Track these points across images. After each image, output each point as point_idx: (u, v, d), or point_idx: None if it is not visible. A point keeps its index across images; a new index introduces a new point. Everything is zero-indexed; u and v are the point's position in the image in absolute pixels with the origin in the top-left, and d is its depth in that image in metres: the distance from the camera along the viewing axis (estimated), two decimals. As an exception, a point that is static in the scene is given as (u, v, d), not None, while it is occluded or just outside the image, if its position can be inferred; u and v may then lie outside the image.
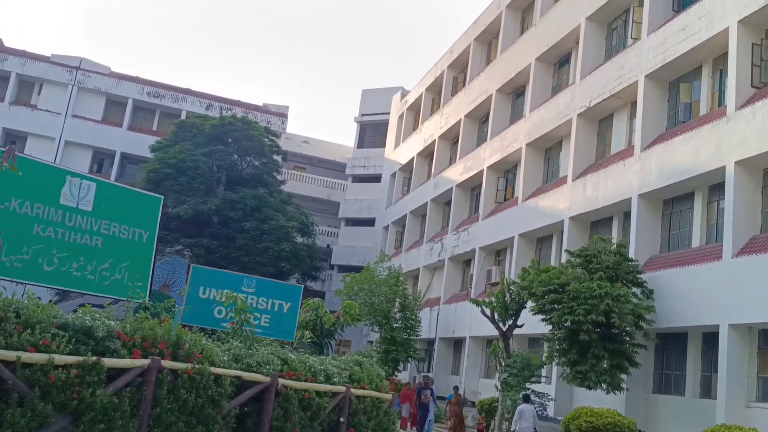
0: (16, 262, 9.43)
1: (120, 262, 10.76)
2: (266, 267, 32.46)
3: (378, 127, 48.33)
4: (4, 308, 6.53)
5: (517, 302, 21.14)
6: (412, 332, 29.93)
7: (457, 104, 35.39)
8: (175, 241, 32.62)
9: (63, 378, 6.50)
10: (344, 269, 42.08)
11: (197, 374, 7.95)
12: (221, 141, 36.21)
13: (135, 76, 44.47)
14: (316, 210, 44.96)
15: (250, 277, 13.38)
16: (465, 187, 33.43)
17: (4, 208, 9.22)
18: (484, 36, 34.18)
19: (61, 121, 41.42)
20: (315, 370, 10.10)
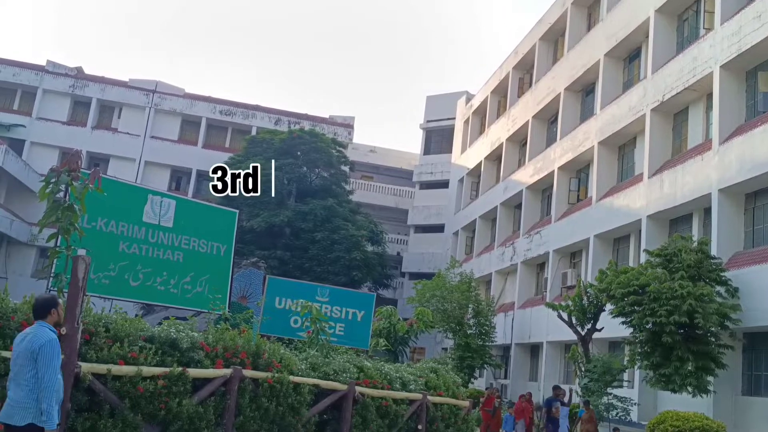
0: (104, 278, 9.86)
1: (200, 276, 11.11)
2: (338, 276, 32.85)
3: (444, 133, 48.21)
4: (95, 323, 6.85)
5: (595, 305, 20.66)
6: (486, 338, 29.61)
7: (524, 105, 34.94)
8: (250, 253, 33.40)
9: (151, 389, 6.75)
10: (415, 276, 42.09)
11: (277, 383, 8.13)
12: (290, 154, 36.95)
13: (207, 96, 45.95)
14: (384, 218, 45.21)
15: (324, 286, 13.57)
16: (535, 189, 32.91)
17: (91, 228, 9.66)
18: (550, 35, 33.66)
19: (140, 143, 43.20)
20: (391, 377, 10.15)
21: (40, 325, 5.08)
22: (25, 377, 4.82)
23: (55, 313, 5.22)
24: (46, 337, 4.93)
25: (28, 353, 4.87)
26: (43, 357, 4.83)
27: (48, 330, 5.04)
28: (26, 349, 4.89)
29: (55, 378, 4.90)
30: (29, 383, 4.81)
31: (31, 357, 4.85)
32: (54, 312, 5.22)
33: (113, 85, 44.06)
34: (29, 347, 4.88)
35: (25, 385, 4.81)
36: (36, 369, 4.81)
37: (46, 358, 4.84)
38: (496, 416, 18.44)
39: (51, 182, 7.44)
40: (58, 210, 7.40)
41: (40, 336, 4.93)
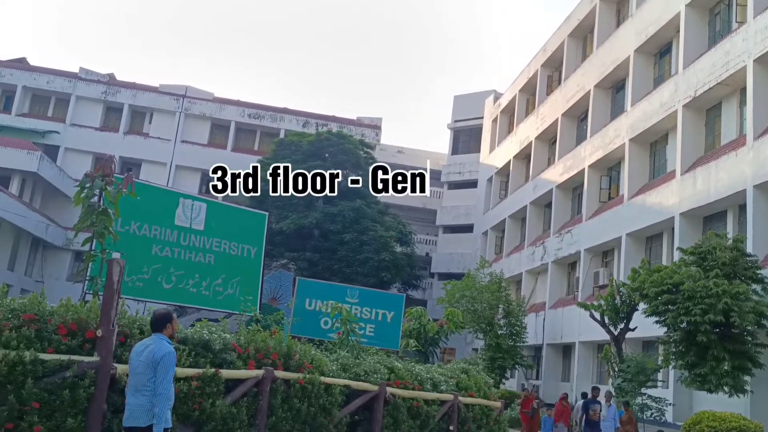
0: (138, 281, 10.02)
1: (231, 278, 11.23)
2: (367, 277, 32.90)
3: (471, 133, 48.01)
4: (129, 325, 6.96)
5: (628, 304, 20.40)
6: (517, 339, 29.40)
7: (553, 103, 34.64)
8: (280, 255, 33.64)
9: (185, 390, 6.84)
10: (444, 277, 41.97)
11: (308, 384, 8.18)
12: (318, 156, 37.12)
13: (236, 100, 46.43)
14: (413, 219, 45.16)
15: (354, 287, 13.62)
16: (566, 188, 32.60)
17: (124, 232, 9.82)
18: (579, 31, 33.33)
19: (171, 147, 43.81)
20: (422, 378, 10.14)
21: (159, 337, 5.62)
22: (146, 384, 5.38)
23: (170, 327, 5.74)
24: (166, 350, 5.49)
25: (149, 363, 5.40)
26: (163, 367, 5.39)
27: (166, 342, 5.58)
28: (147, 359, 5.43)
29: (169, 386, 5.46)
30: (149, 389, 5.37)
31: (151, 366, 5.38)
32: (169, 326, 5.74)
33: (144, 90, 44.76)
34: (150, 357, 5.42)
35: (146, 392, 5.38)
36: (155, 377, 5.36)
37: (165, 368, 5.40)
38: (535, 418, 18.05)
39: (86, 187, 7.60)
40: (93, 214, 7.55)
41: (161, 348, 5.48)
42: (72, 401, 6.00)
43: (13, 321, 6.07)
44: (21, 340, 5.93)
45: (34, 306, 6.35)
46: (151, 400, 5.35)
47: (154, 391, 5.34)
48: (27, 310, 6.24)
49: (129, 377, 5.58)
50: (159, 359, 5.38)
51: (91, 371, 6.17)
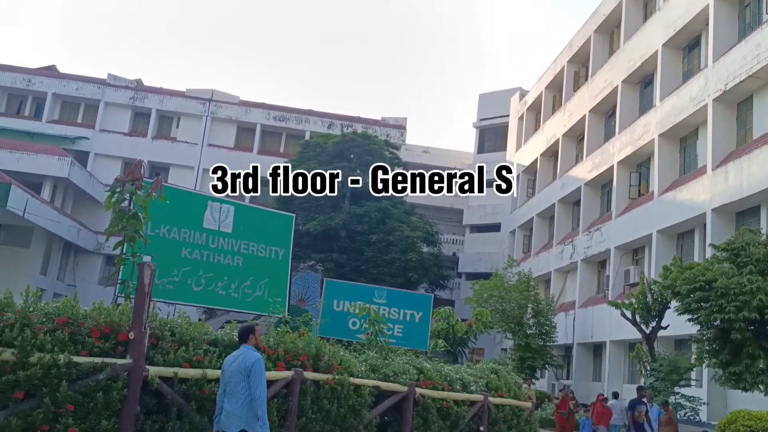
0: (168, 284, 10.13)
1: (260, 280, 11.29)
2: (394, 278, 32.86)
3: (497, 131, 47.71)
4: (161, 328, 7.03)
5: (660, 302, 20.10)
6: (547, 338, 29.14)
7: (580, 99, 34.28)
8: (307, 256, 33.75)
9: (216, 391, 6.88)
10: (472, 276, 41.75)
11: (338, 385, 8.18)
12: (344, 157, 37.18)
13: (261, 103, 46.72)
14: (439, 219, 45.01)
15: (381, 288, 13.60)
16: (594, 185, 32.23)
17: (154, 235, 9.93)
18: (605, 26, 32.95)
19: (198, 151, 44.25)
20: (451, 378, 10.09)
21: (246, 347, 6.12)
22: (240, 391, 5.85)
23: (253, 338, 6.20)
24: (255, 357, 5.97)
25: (241, 371, 5.90)
26: (255, 374, 5.87)
27: (253, 352, 6.08)
28: (239, 368, 5.92)
29: (265, 390, 5.93)
30: (243, 396, 5.84)
31: (244, 374, 5.87)
32: (252, 337, 6.20)
33: (171, 95, 45.26)
34: (242, 366, 5.91)
35: (239, 398, 5.84)
36: (249, 384, 5.84)
37: (257, 374, 5.89)
38: (571, 420, 17.71)
39: (116, 192, 7.70)
40: (124, 218, 7.64)
41: (250, 357, 5.97)
42: (105, 403, 6.08)
43: (48, 324, 6.18)
44: (55, 343, 6.03)
45: (68, 309, 6.45)
46: (242, 406, 5.82)
47: (251, 397, 5.82)
48: (61, 314, 6.35)
49: (221, 386, 6.08)
50: (250, 366, 5.88)
51: (124, 373, 6.25)
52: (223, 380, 6.07)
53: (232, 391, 5.89)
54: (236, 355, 6.09)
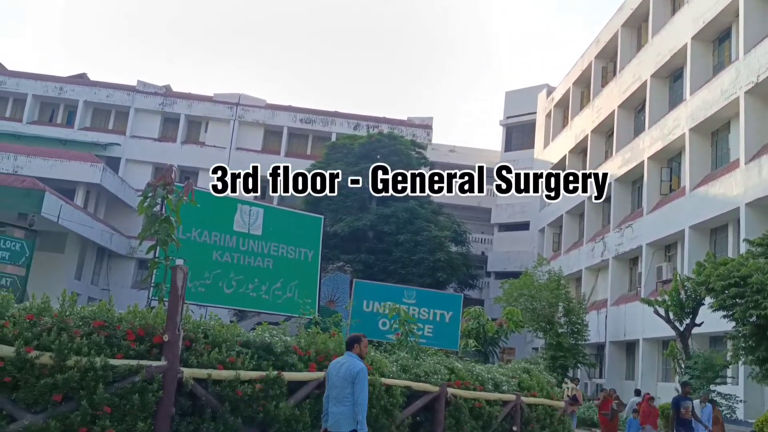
0: (200, 287, 10.26)
1: (290, 281, 11.38)
2: (423, 278, 32.80)
3: (525, 128, 47.37)
4: (194, 330, 7.10)
5: (694, 299, 19.78)
6: (579, 337, 28.85)
7: (608, 95, 33.88)
8: (335, 258, 33.87)
9: (249, 392, 6.92)
10: (501, 276, 41.51)
11: (369, 385, 8.17)
12: (370, 158, 37.21)
13: (288, 105, 47.02)
14: (467, 218, 44.81)
15: (410, 288, 13.56)
16: (624, 181, 31.83)
17: (186, 239, 10.07)
18: (633, 21, 32.53)
19: (226, 155, 44.69)
20: (483, 378, 10.03)
21: (350, 355, 6.73)
22: (346, 396, 6.47)
23: (358, 347, 6.81)
24: (360, 366, 6.58)
25: (346, 377, 6.50)
26: (359, 381, 6.46)
27: (358, 360, 6.68)
28: (344, 374, 6.54)
29: (366, 396, 6.53)
30: (349, 400, 6.45)
31: (349, 380, 6.47)
32: (357, 346, 6.81)
33: (199, 100, 45.79)
34: (347, 373, 6.52)
35: (346, 402, 6.46)
36: (353, 390, 6.44)
37: (361, 381, 6.48)
38: (614, 420, 17.29)
39: (148, 196, 7.80)
40: (156, 223, 7.74)
41: (355, 365, 6.57)
42: (141, 405, 6.15)
43: (84, 328, 6.28)
44: (92, 346, 6.12)
45: (104, 313, 6.55)
46: (350, 409, 6.41)
47: (354, 401, 6.41)
48: (97, 317, 6.44)
49: (328, 389, 6.71)
50: (355, 374, 6.46)
51: (159, 375, 6.32)
52: (328, 384, 6.69)
53: (338, 395, 6.51)
54: (342, 362, 6.67)
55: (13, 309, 6.26)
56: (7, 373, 5.77)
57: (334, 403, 6.50)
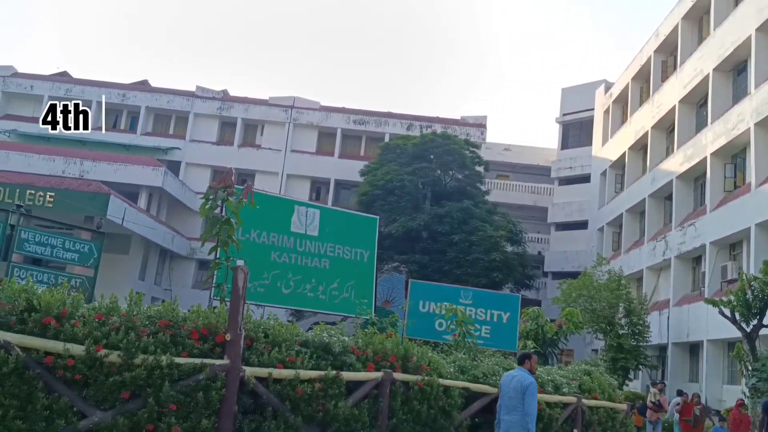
0: (259, 287, 10.45)
1: (346, 281, 11.47)
2: (478, 278, 32.53)
3: (582, 126, 46.46)
4: (255, 329, 7.23)
5: (761, 299, 19.04)
6: (640, 338, 28.11)
7: (669, 90, 32.92)
8: (390, 258, 33.96)
9: (308, 392, 7.01)
10: (558, 276, 40.81)
11: (427, 386, 8.17)
12: (424, 158, 37.16)
13: (341, 107, 47.36)
14: (523, 217, 44.20)
15: (467, 288, 13.50)
16: (686, 179, 30.87)
17: (245, 240, 10.26)
18: (693, 13, 31.52)
19: (282, 157, 45.34)
20: (542, 380, 9.90)
21: (521, 370, 7.42)
22: (516, 406, 7.07)
23: (528, 363, 7.47)
24: (530, 380, 7.23)
25: (517, 389, 7.12)
26: (529, 393, 7.07)
27: (528, 374, 7.33)
28: (515, 386, 7.16)
29: (536, 408, 7.20)
30: (519, 409, 7.06)
31: (520, 392, 7.08)
32: (528, 362, 7.47)
33: (255, 104, 46.57)
34: (518, 385, 7.15)
35: (518, 412, 7.06)
36: (523, 401, 7.03)
37: (531, 394, 7.09)
38: (698, 427, 16.48)
39: (210, 199, 7.99)
40: (217, 224, 7.92)
41: (525, 378, 7.21)
42: (205, 402, 6.30)
43: (150, 327, 6.46)
44: (158, 345, 6.30)
45: (169, 313, 6.73)
46: (522, 419, 7.02)
47: (524, 411, 7.01)
48: (162, 317, 6.63)
49: (500, 399, 7.47)
50: (526, 387, 7.06)
51: (222, 374, 6.46)
52: (501, 394, 7.45)
53: (509, 405, 7.14)
54: (513, 375, 7.37)
55: (83, 309, 6.49)
56: (78, 371, 5.99)
57: (506, 411, 7.17)
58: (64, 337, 6.06)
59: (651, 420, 17.09)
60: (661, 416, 17.33)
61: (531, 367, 7.37)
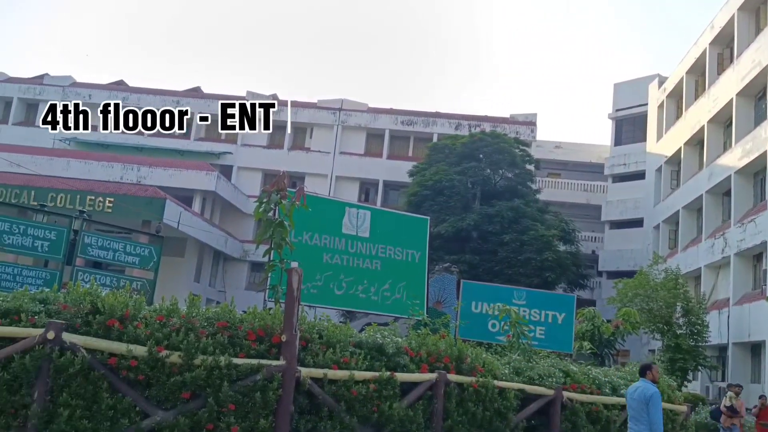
0: (312, 288, 10.56)
1: (398, 282, 11.49)
2: (530, 278, 32.12)
3: (635, 121, 45.41)
4: (309, 330, 7.30)
5: (829, 298, 18.26)
6: (699, 338, 27.30)
7: (725, 83, 31.89)
8: (440, 259, 33.83)
9: (363, 392, 7.04)
10: (613, 275, 39.96)
11: (482, 387, 8.12)
12: (473, 157, 36.90)
13: (389, 108, 47.46)
14: (575, 216, 43.45)
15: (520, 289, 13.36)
16: (746, 174, 29.83)
17: (297, 242, 10.37)
18: (750, 3, 30.44)
19: (330, 159, 45.72)
20: (599, 382, 9.73)
21: (644, 381, 7.65)
22: (641, 415, 7.37)
23: (650, 374, 7.72)
24: (653, 390, 7.45)
25: (641, 400, 7.40)
26: (653, 404, 7.31)
27: (651, 385, 7.57)
28: (639, 397, 7.45)
29: (662, 418, 7.36)
30: (644, 419, 7.34)
31: (643, 403, 7.35)
32: (649, 373, 7.73)
33: (304, 107, 47.08)
34: (642, 396, 7.42)
35: (642, 421, 7.34)
36: (648, 411, 7.29)
37: (656, 404, 7.32)
38: None
39: (263, 202, 8.11)
40: (271, 227, 8.04)
41: (648, 389, 7.45)
42: (263, 403, 6.39)
43: (209, 329, 6.60)
44: (216, 346, 6.43)
45: (226, 314, 6.86)
46: (648, 427, 7.26)
47: (650, 421, 7.28)
48: (220, 318, 6.76)
49: (628, 410, 7.72)
50: (649, 397, 7.32)
51: (278, 374, 6.54)
52: (627, 405, 7.72)
53: (635, 415, 7.45)
54: (636, 386, 7.63)
55: (145, 311, 6.67)
56: (141, 372, 6.16)
57: (633, 422, 7.49)
58: (127, 339, 6.25)
59: (725, 426, 16.34)
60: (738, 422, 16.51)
61: (653, 377, 7.65)
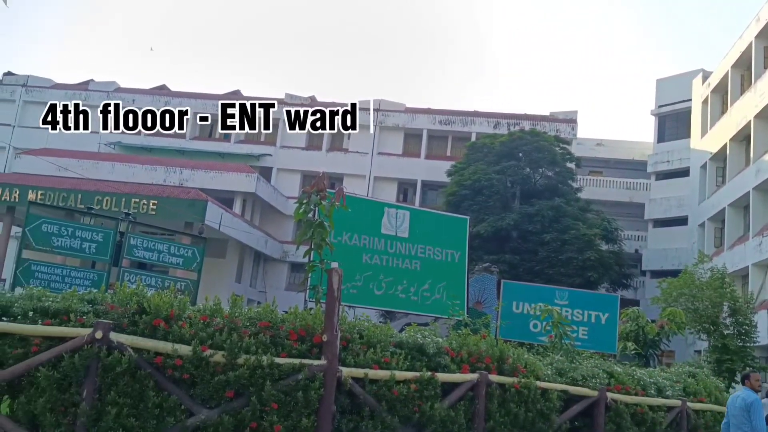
0: (352, 289, 10.60)
1: (437, 283, 11.46)
2: (572, 278, 31.67)
3: (679, 117, 44.43)
4: (350, 330, 7.34)
5: None
6: (747, 339, 26.54)
7: (773, 77, 30.98)
8: (479, 258, 33.58)
9: (404, 392, 7.04)
10: (657, 274, 39.14)
11: (524, 388, 8.04)
12: (512, 156, 36.55)
13: (427, 108, 47.34)
14: (618, 214, 42.70)
15: (562, 288, 13.20)
16: (795, 169, 28.96)
17: (337, 242, 10.42)
18: (799, -7, 29.55)
19: (368, 160, 45.83)
20: (644, 383, 9.55)
21: (746, 389, 8.05)
22: (743, 423, 7.69)
23: (748, 382, 8.09)
24: (753, 398, 7.82)
25: (742, 407, 7.75)
26: (754, 410, 7.67)
27: (751, 392, 7.93)
28: (740, 405, 7.80)
29: (764, 424, 7.65)
30: (746, 426, 7.67)
31: (744, 410, 7.70)
32: (748, 381, 8.11)
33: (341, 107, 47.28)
34: (743, 404, 7.78)
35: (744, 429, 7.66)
36: (749, 417, 7.63)
37: (756, 411, 7.66)
38: None
39: (303, 203, 8.18)
40: (311, 228, 8.10)
41: (749, 396, 7.85)
42: (305, 402, 6.44)
43: (251, 328, 6.68)
44: (259, 345, 6.50)
45: (268, 314, 6.94)
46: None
47: (752, 428, 7.61)
48: (262, 318, 6.84)
49: (727, 417, 8.12)
50: (749, 404, 7.69)
51: (320, 374, 6.59)
52: (728, 414, 8.10)
53: (737, 422, 7.75)
54: (737, 395, 8.01)
55: (189, 311, 6.79)
56: (186, 371, 6.27)
57: (735, 429, 7.77)
58: (172, 338, 6.37)
59: None
60: None
61: (752, 385, 7.95)
